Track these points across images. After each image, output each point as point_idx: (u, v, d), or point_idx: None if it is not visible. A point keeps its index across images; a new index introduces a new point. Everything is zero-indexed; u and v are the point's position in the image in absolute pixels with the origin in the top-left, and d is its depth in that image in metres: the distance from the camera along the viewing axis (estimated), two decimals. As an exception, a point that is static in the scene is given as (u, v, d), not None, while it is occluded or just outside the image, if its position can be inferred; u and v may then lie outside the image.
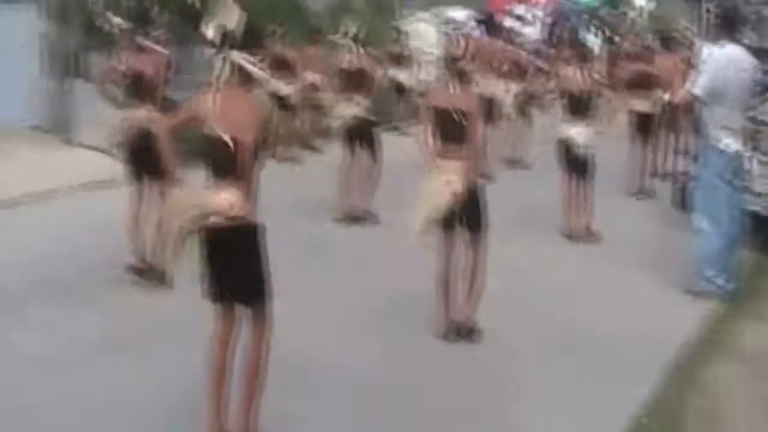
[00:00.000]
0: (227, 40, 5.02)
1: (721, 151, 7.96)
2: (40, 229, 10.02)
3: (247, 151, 4.93)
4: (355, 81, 10.56)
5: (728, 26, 8.14)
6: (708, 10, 10.20)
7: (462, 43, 7.02)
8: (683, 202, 10.26)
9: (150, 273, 8.17)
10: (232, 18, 5.02)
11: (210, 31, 5.05)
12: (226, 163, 4.95)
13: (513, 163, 13.80)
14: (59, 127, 14.72)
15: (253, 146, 4.95)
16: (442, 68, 7.19)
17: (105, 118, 8.86)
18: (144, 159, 7.79)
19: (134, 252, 8.34)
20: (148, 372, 6.47)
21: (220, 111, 4.96)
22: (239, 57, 5.04)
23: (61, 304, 7.77)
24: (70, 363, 6.58)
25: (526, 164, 13.74)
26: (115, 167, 12.75)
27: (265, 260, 5.15)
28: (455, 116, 6.79)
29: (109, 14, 9.25)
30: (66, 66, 14.94)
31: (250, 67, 5.07)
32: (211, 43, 5.08)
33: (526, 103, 14.09)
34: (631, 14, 31.18)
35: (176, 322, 7.16)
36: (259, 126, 5.06)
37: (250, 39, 5.16)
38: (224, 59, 5.02)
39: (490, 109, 12.19)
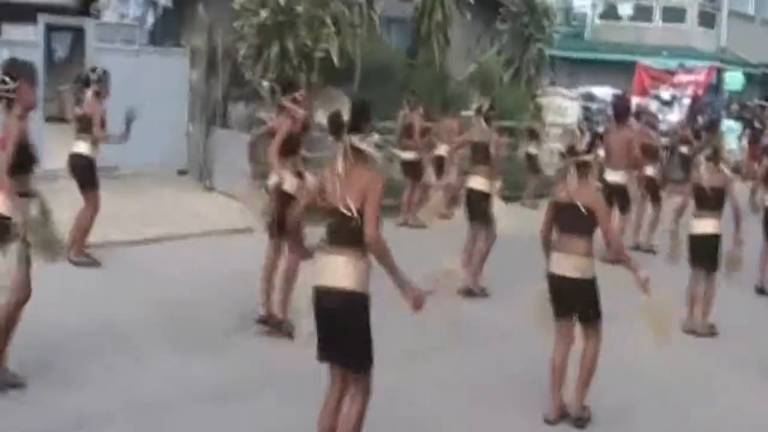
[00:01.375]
0: (342, 128, 5.44)
1: None
2: (168, 270, 10.34)
3: (364, 221, 5.28)
4: (480, 154, 10.63)
5: None
6: None
7: (584, 136, 7.02)
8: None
9: (278, 326, 8.38)
10: (345, 107, 5.38)
11: (324, 121, 5.56)
12: (343, 232, 5.36)
13: (637, 248, 13.54)
14: (202, 172, 15.18)
15: (371, 216, 5.28)
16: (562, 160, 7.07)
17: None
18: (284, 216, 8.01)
19: (265, 304, 8.53)
20: (256, 424, 6.61)
21: (339, 185, 5.38)
22: (355, 140, 5.43)
23: (181, 350, 7.95)
24: (182, 410, 6.75)
25: (650, 250, 13.47)
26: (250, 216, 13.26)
27: (369, 330, 5.44)
28: (572, 210, 6.84)
29: (262, 81, 9.66)
30: (211, 114, 15.43)
31: (366, 148, 5.46)
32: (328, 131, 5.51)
33: (657, 187, 13.92)
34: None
35: (292, 377, 7.30)
36: (375, 197, 5.33)
37: (363, 119, 5.52)
38: (342, 144, 5.43)
39: (617, 196, 12.28)
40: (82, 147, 10.38)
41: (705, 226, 9.59)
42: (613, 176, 12.47)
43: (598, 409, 7.07)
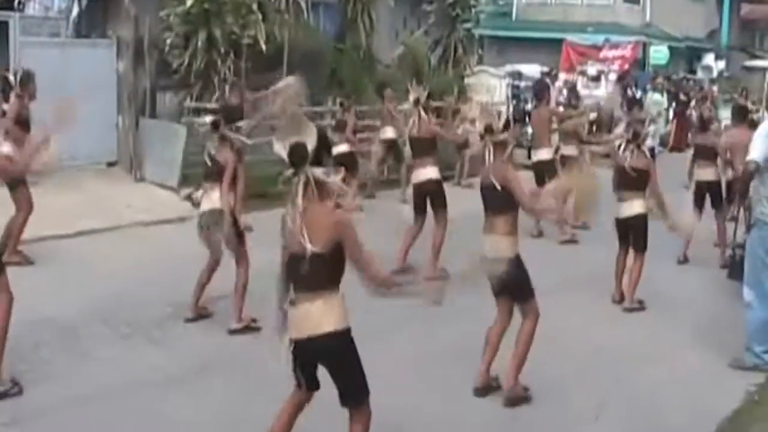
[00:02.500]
0: (305, 161, 4.99)
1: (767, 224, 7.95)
2: (103, 263, 10.36)
3: (331, 261, 5.01)
4: (424, 146, 10.77)
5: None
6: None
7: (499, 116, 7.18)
8: (739, 274, 10.19)
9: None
10: (311, 137, 5.02)
11: (284, 152, 5.03)
12: (313, 273, 4.99)
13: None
14: (132, 163, 15.15)
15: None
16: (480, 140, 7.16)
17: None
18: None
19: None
20: (207, 407, 6.71)
21: (301, 223, 4.96)
22: (318, 173, 5.01)
23: (121, 339, 8.07)
24: (130, 398, 6.81)
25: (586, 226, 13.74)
26: (181, 205, 13.31)
27: (360, 361, 5.16)
28: (491, 190, 7.01)
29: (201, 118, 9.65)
30: (139, 105, 15.37)
31: (329, 181, 5.05)
32: (288, 163, 5.04)
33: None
34: (700, 75, 31.26)
35: (232, 361, 7.43)
36: (354, 235, 5.01)
37: (324, 152, 5.16)
38: (303, 177, 4.99)
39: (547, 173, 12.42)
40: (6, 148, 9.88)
41: (632, 207, 9.75)
42: (539, 154, 12.74)
43: (531, 384, 7.22)
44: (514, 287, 7.05)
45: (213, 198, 8.39)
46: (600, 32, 29.00)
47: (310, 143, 5.01)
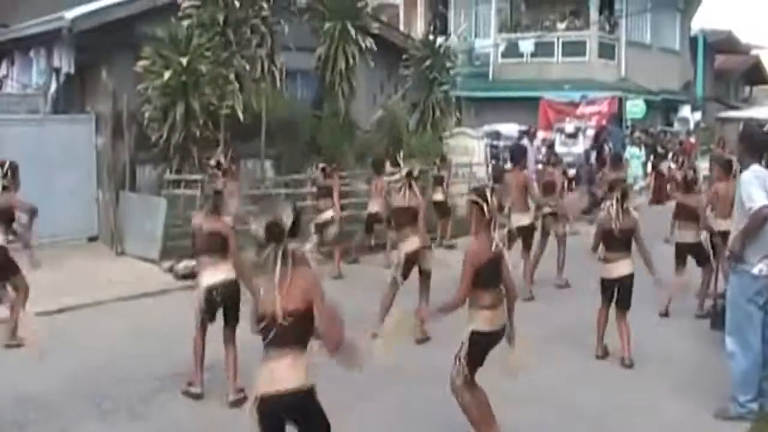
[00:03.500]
0: (283, 235, 5.32)
1: (755, 277, 8.00)
2: (85, 338, 10.32)
3: (305, 322, 5.32)
4: (410, 216, 10.91)
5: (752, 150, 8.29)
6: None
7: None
8: (722, 324, 10.20)
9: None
10: (288, 215, 5.35)
11: (261, 231, 5.33)
12: (287, 334, 5.30)
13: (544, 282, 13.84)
14: (113, 237, 15.13)
15: (307, 317, 5.33)
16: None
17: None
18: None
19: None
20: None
21: (280, 291, 5.28)
22: (292, 246, 5.36)
23: (103, 415, 8.01)
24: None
25: (559, 284, 13.79)
26: (163, 278, 13.31)
27: (323, 415, 5.45)
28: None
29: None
30: (119, 179, 15.41)
31: (305, 253, 5.43)
32: (265, 239, 5.34)
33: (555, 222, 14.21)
34: (677, 127, 31.53)
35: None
36: (321, 295, 5.35)
37: (299, 224, 5.44)
38: (279, 251, 5.30)
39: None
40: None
41: (620, 267, 9.76)
42: (520, 220, 12.78)
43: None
44: None
45: (222, 269, 8.37)
46: (576, 89, 29.24)
47: (287, 219, 5.34)
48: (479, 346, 7.00)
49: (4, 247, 10.18)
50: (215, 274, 8.34)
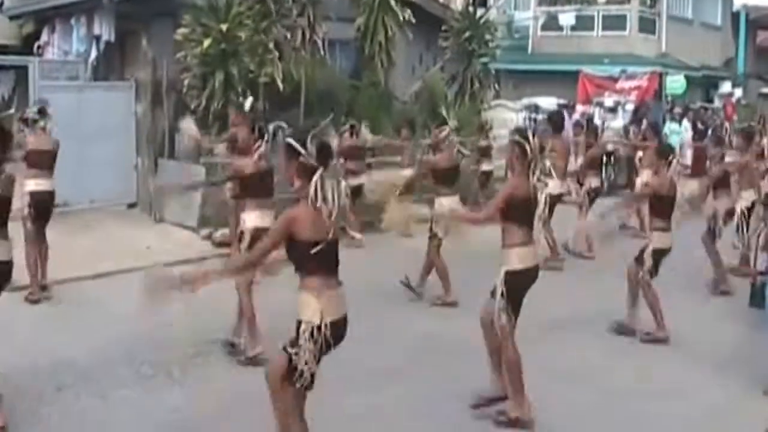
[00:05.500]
0: (331, 159, 5.51)
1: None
2: (123, 304, 10.36)
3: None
4: (448, 176, 10.85)
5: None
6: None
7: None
8: (761, 301, 10.08)
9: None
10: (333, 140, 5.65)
11: (314, 152, 5.42)
12: (335, 258, 5.54)
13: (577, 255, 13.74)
14: (151, 205, 15.21)
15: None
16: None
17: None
18: None
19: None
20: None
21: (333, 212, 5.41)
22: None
23: (141, 380, 8.07)
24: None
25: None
26: (201, 246, 13.35)
27: None
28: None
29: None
30: (158, 146, 15.48)
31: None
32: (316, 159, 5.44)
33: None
34: (717, 103, 31.14)
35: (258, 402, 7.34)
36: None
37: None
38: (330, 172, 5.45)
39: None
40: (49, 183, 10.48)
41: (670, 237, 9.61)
42: (551, 187, 12.64)
43: (549, 420, 7.16)
44: None
45: None
46: (616, 63, 28.96)
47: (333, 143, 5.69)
48: (515, 286, 7.01)
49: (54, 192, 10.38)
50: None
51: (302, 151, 5.42)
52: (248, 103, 10.71)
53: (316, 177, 5.36)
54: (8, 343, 8.30)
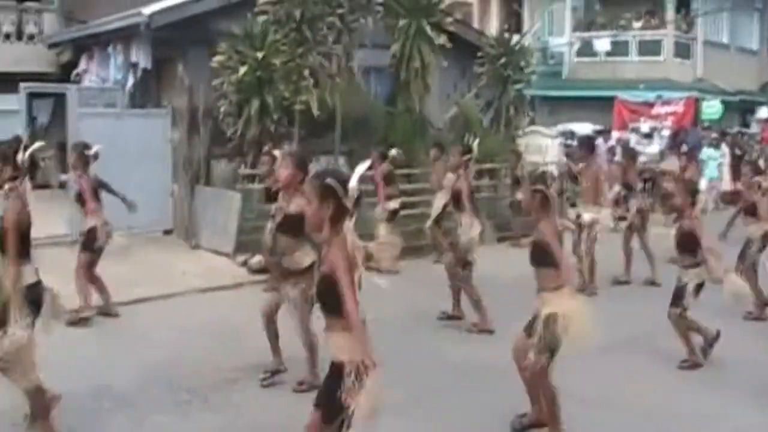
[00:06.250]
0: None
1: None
2: (160, 329, 10.42)
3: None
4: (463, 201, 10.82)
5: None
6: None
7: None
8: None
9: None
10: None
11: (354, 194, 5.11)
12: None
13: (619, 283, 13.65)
14: (188, 231, 15.29)
15: None
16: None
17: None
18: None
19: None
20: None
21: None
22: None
23: (178, 406, 8.07)
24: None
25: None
26: (237, 272, 13.40)
27: None
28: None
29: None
30: (194, 173, 15.56)
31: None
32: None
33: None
34: (755, 128, 30.89)
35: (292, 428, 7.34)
36: None
37: None
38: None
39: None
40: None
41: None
42: (589, 213, 12.56)
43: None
44: None
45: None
46: (651, 89, 28.88)
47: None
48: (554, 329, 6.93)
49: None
50: None
51: (342, 192, 5.10)
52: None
53: (349, 222, 5.12)
54: (46, 367, 8.30)
